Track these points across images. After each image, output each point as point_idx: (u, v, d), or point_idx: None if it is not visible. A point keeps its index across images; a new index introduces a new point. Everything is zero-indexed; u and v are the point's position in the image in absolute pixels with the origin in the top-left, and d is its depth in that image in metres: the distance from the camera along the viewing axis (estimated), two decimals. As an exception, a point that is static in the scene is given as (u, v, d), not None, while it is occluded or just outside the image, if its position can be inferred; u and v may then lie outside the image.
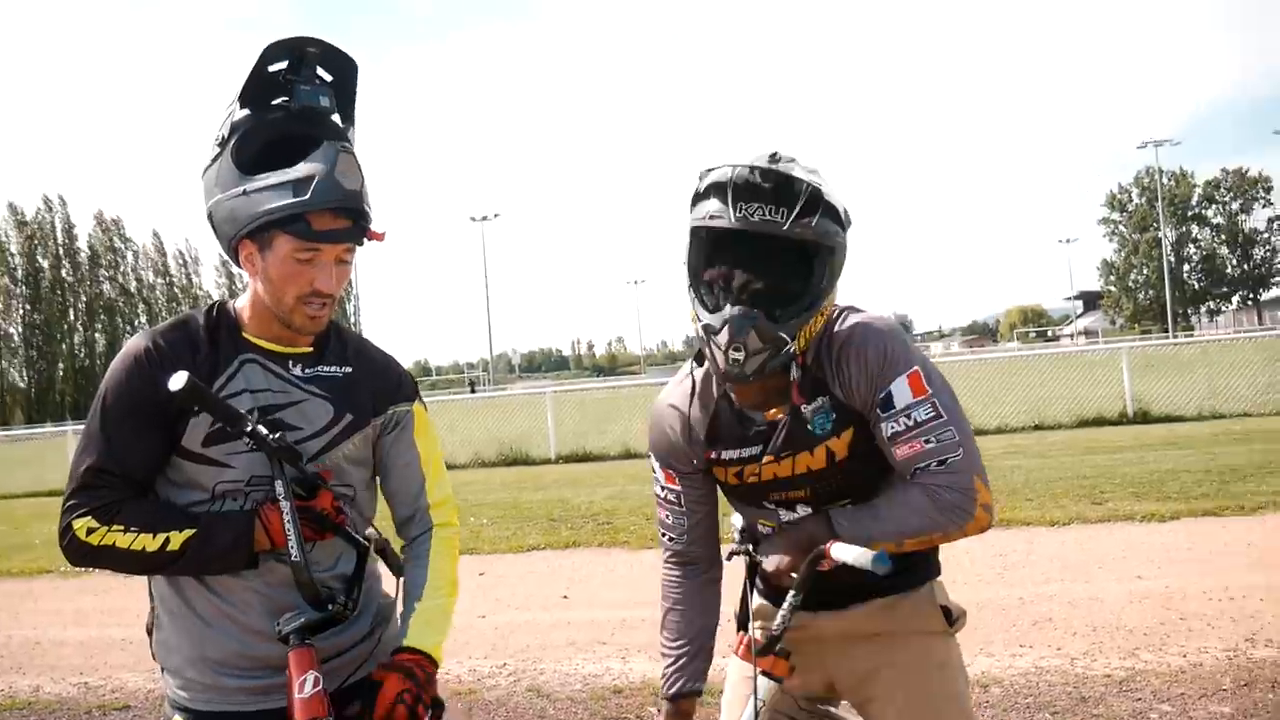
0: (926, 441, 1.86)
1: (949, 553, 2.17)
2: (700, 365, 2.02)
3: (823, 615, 2.09)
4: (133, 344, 1.89)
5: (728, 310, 1.80)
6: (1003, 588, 6.31)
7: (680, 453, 2.10)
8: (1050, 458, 12.21)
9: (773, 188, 1.78)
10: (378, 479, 2.08)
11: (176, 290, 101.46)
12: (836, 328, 1.96)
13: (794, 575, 1.92)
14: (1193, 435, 13.38)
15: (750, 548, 2.07)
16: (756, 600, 2.19)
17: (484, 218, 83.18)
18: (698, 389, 2.07)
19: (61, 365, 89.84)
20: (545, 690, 5.08)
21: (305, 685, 1.73)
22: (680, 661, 2.11)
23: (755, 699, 1.95)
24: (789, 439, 1.97)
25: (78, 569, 9.56)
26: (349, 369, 2.01)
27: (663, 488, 2.16)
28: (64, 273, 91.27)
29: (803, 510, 2.02)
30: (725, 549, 2.19)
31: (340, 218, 1.84)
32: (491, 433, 18.99)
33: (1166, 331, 72.04)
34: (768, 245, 1.81)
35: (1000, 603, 5.96)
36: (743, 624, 2.10)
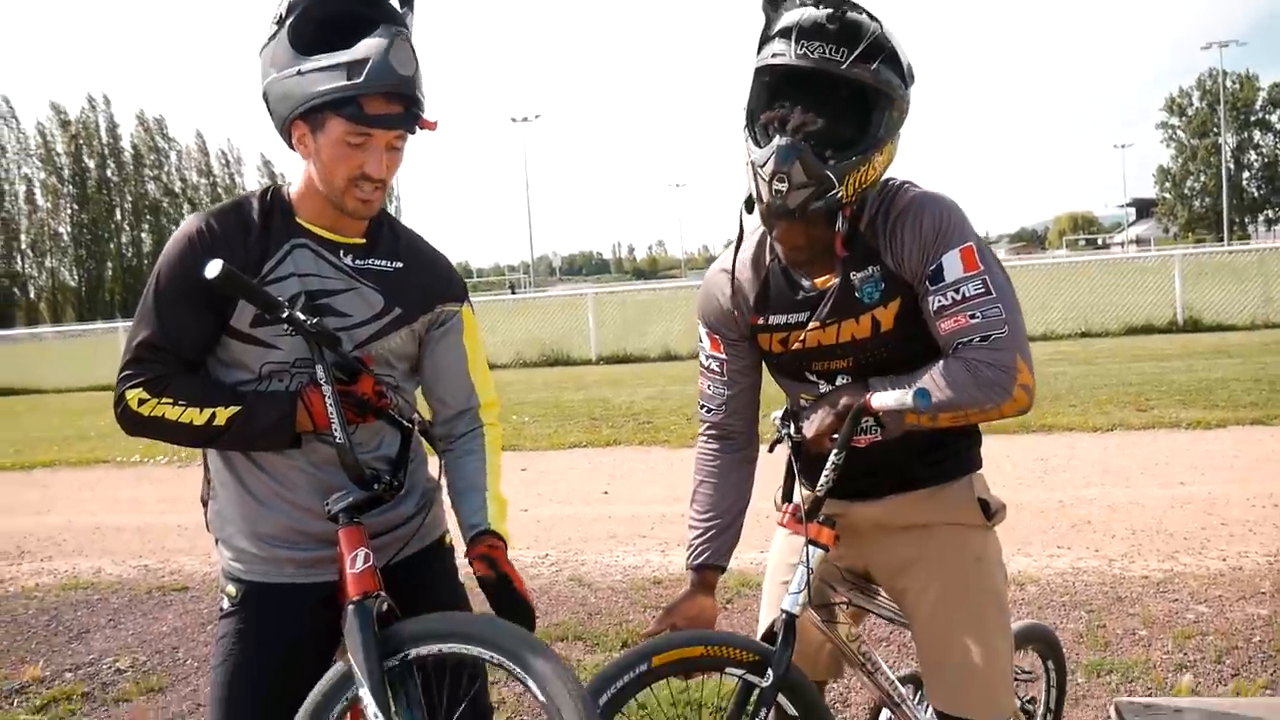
0: (972, 317, 1.83)
1: (987, 455, 2.16)
2: (750, 211, 1.98)
3: (859, 505, 2.10)
4: (186, 225, 1.91)
5: (776, 141, 1.77)
6: (1042, 491, 6.32)
7: (728, 318, 2.09)
8: (1096, 365, 12.09)
9: (837, 29, 1.76)
10: (422, 377, 2.09)
11: (220, 190, 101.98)
12: (895, 197, 1.92)
13: (834, 438, 1.93)
14: (1244, 344, 13.17)
15: (791, 430, 2.06)
16: (800, 488, 2.20)
17: (525, 119, 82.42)
18: (751, 254, 2.06)
19: (110, 265, 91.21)
20: (586, 580, 5.20)
21: (356, 561, 1.77)
22: (708, 534, 2.11)
23: (806, 567, 1.96)
24: (836, 305, 1.95)
25: (133, 460, 9.88)
26: (400, 264, 2.01)
27: (707, 355, 2.15)
28: (109, 172, 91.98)
29: (843, 379, 2.01)
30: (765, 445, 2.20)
31: (393, 103, 1.81)
32: (532, 333, 19.12)
33: (1221, 240, 70.25)
34: (826, 87, 1.79)
35: (1039, 505, 5.97)
36: (788, 496, 2.11)
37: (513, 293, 52.63)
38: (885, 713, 2.61)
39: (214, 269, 1.70)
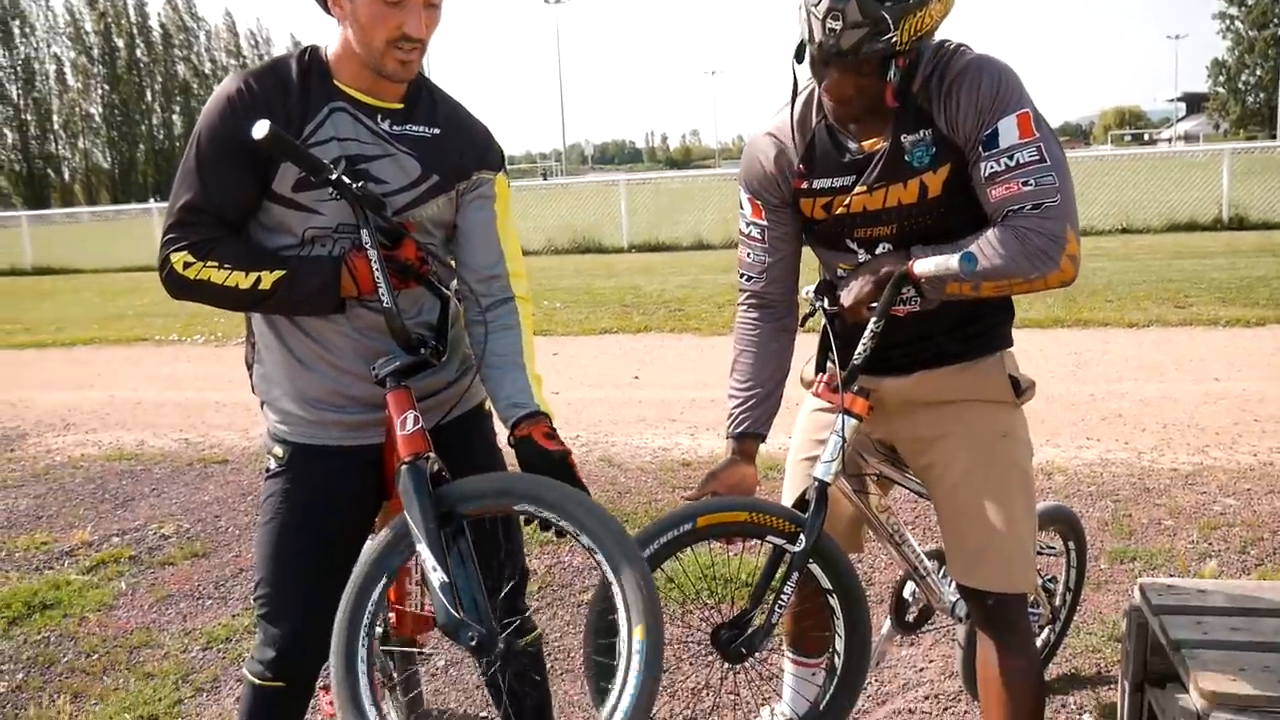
0: (1025, 184, 1.79)
1: (1019, 349, 2.14)
2: (800, 60, 1.93)
3: (889, 379, 2.10)
4: (225, 85, 1.89)
5: None
6: (1074, 384, 6.30)
7: (770, 183, 2.05)
8: (1136, 261, 11.90)
9: None
10: (455, 238, 2.06)
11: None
12: (951, 60, 1.86)
13: (873, 306, 1.91)
14: (1290, 242, 12.88)
15: (826, 301, 2.04)
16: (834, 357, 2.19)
17: (557, 0, 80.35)
18: (797, 115, 2.02)
19: (142, 146, 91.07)
20: (616, 460, 5.28)
21: (406, 423, 1.80)
22: (749, 403, 2.11)
23: (841, 436, 1.97)
24: (884, 169, 1.91)
25: (172, 338, 10.04)
26: (437, 130, 1.98)
27: (748, 223, 2.13)
28: (138, 52, 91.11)
29: (884, 249, 1.98)
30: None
31: None
32: (565, 220, 19.02)
33: (1274, 137, 68.10)
34: None
35: (1070, 398, 5.96)
36: (821, 367, 2.10)
37: (544, 179, 52.25)
38: (910, 585, 2.66)
39: (261, 129, 1.69)
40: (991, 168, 1.82)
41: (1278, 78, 76.35)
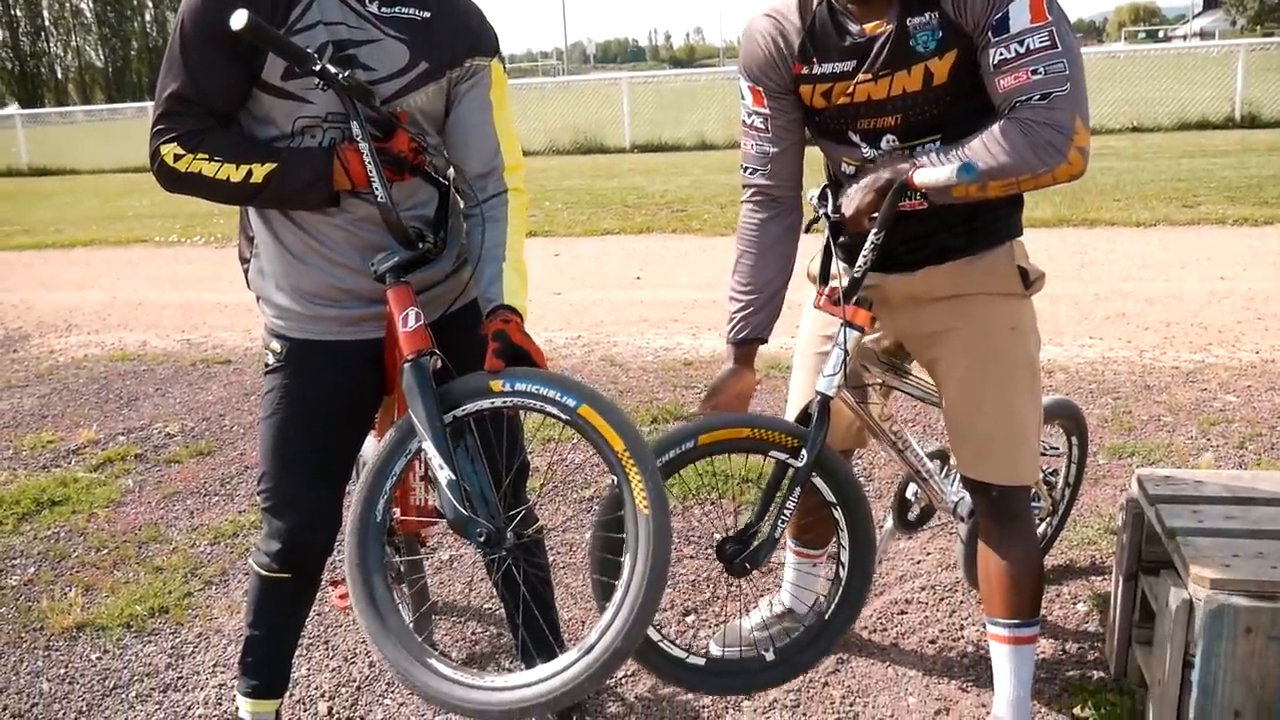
0: (1034, 72, 1.73)
1: (1026, 244, 2.11)
2: None
3: (894, 277, 2.07)
4: None
5: None
6: (1078, 284, 6.26)
7: (770, 67, 1.98)
8: (1144, 160, 11.73)
9: None
10: (446, 132, 2.00)
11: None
12: None
13: (874, 217, 1.87)
14: (1302, 141, 12.68)
15: (829, 210, 2.00)
16: (837, 266, 2.16)
17: (558, -110, 77.77)
18: (789, 6, 1.95)
19: (135, 44, 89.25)
20: (618, 360, 5.29)
21: (408, 320, 1.78)
22: (749, 309, 2.08)
23: (843, 350, 1.96)
24: (889, 55, 1.85)
25: (171, 240, 9.98)
26: (428, 14, 1.91)
27: (750, 112, 2.06)
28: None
29: (889, 142, 1.93)
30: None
31: None
32: (566, 120, 18.71)
33: (1291, 33, 66.50)
34: None
35: (1074, 297, 5.93)
36: (823, 279, 2.06)
37: (552, 78, 51.40)
38: (912, 486, 2.68)
39: (239, 19, 1.63)
40: (1001, 54, 1.75)
41: (1298, -29, 74.22)
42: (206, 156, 1.82)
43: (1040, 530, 2.78)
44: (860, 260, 1.91)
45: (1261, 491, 2.28)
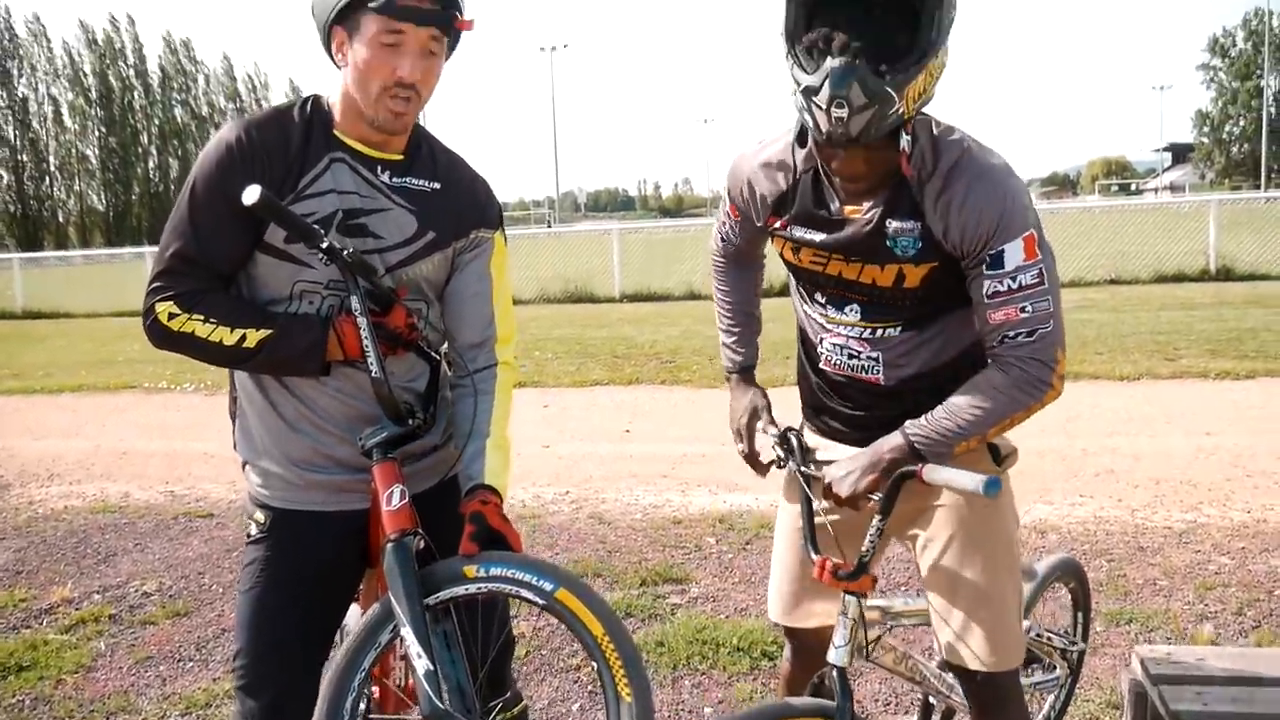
0: (1023, 309, 1.79)
1: None
2: (803, 147, 1.92)
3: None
4: (225, 133, 1.86)
5: (829, 64, 1.65)
6: (1065, 438, 6.28)
7: (747, 205, 2.07)
8: (1125, 312, 11.95)
9: None
10: (446, 295, 2.02)
11: (246, 116, 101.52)
12: (946, 156, 1.82)
13: (873, 497, 1.85)
14: (1278, 294, 12.95)
15: (804, 464, 2.00)
16: (811, 438, 2.16)
17: (553, 48, 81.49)
18: (776, 158, 1.98)
19: (137, 189, 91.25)
20: (607, 518, 5.23)
21: (392, 498, 1.77)
22: (743, 337, 2.29)
23: (850, 618, 1.88)
24: (863, 245, 1.87)
25: (161, 386, 9.98)
26: (437, 185, 1.96)
27: (725, 213, 2.20)
28: (136, 95, 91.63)
29: (852, 313, 1.95)
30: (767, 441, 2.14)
31: None
32: (557, 269, 19.05)
33: (1259, 188, 68.88)
34: None
35: (1062, 452, 5.94)
36: (813, 546, 1.97)
37: (549, 226, 52.63)
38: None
39: (251, 195, 1.67)
40: (994, 287, 1.81)
41: (1260, 129, 77.33)
42: (202, 317, 1.83)
43: (1052, 699, 2.69)
44: (865, 543, 1.88)
45: (1266, 672, 2.23)
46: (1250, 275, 15.34)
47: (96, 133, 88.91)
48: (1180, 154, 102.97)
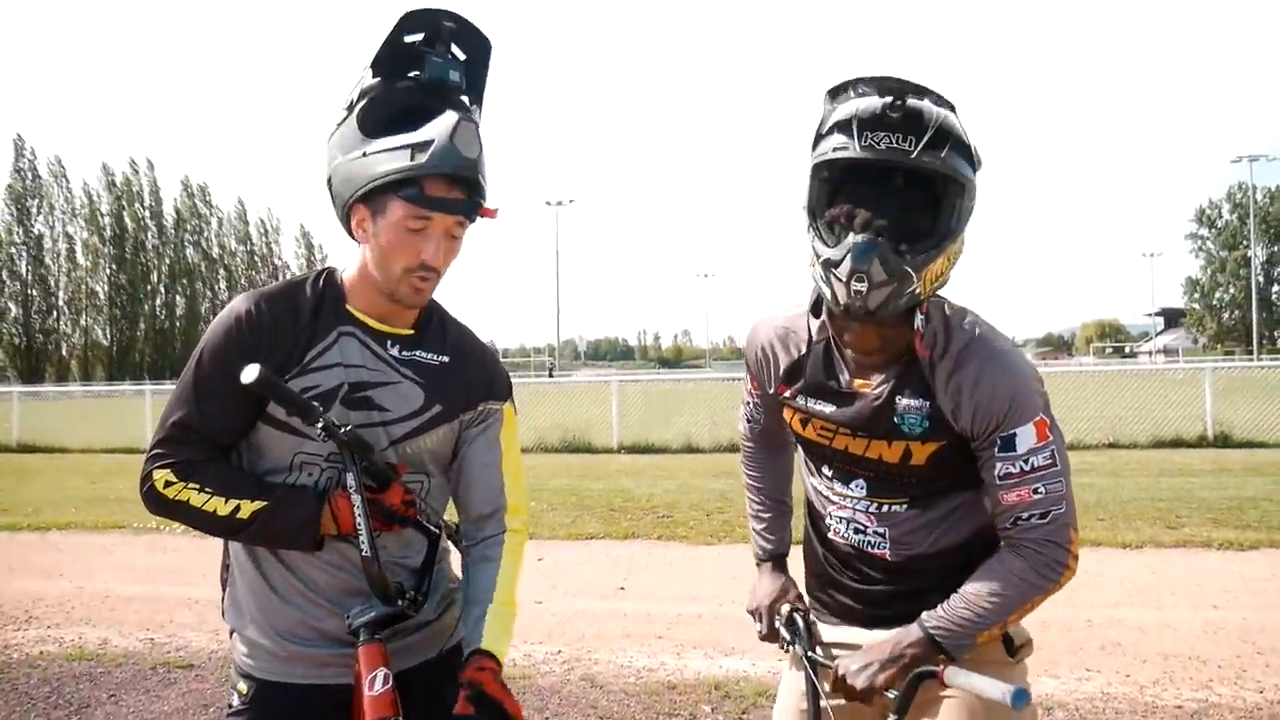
0: (1035, 491, 1.81)
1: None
2: (817, 317, 1.95)
3: (876, 635, 1.98)
4: (236, 305, 1.88)
5: (850, 239, 1.70)
6: (1070, 608, 6.14)
7: (761, 372, 2.12)
8: (1124, 477, 11.89)
9: (901, 118, 1.69)
10: (452, 472, 2.03)
11: (256, 258, 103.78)
12: (958, 337, 1.86)
13: (890, 693, 1.81)
14: (1276, 463, 12.91)
15: (811, 649, 1.99)
16: (818, 615, 2.12)
17: (559, 203, 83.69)
18: (789, 326, 2.04)
19: (142, 325, 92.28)
20: (599, 681, 5.06)
21: (375, 683, 1.72)
22: (774, 523, 2.25)
23: None
24: (871, 422, 1.89)
25: (150, 526, 9.83)
26: (446, 359, 1.98)
27: (748, 391, 2.24)
28: (150, 235, 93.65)
29: (858, 488, 1.96)
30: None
31: (455, 188, 1.81)
32: (555, 419, 19.03)
33: (1251, 353, 69.72)
34: (893, 179, 1.73)
35: (1067, 623, 5.80)
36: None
37: (550, 375, 53.01)
38: None
39: (250, 374, 1.68)
40: (1007, 469, 1.82)
41: (1249, 296, 78.84)
42: (197, 487, 1.82)
43: None
44: None
45: None
46: (1248, 442, 15.35)
47: (107, 270, 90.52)
48: (1172, 318, 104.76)
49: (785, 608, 2.08)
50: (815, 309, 1.96)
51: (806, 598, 2.17)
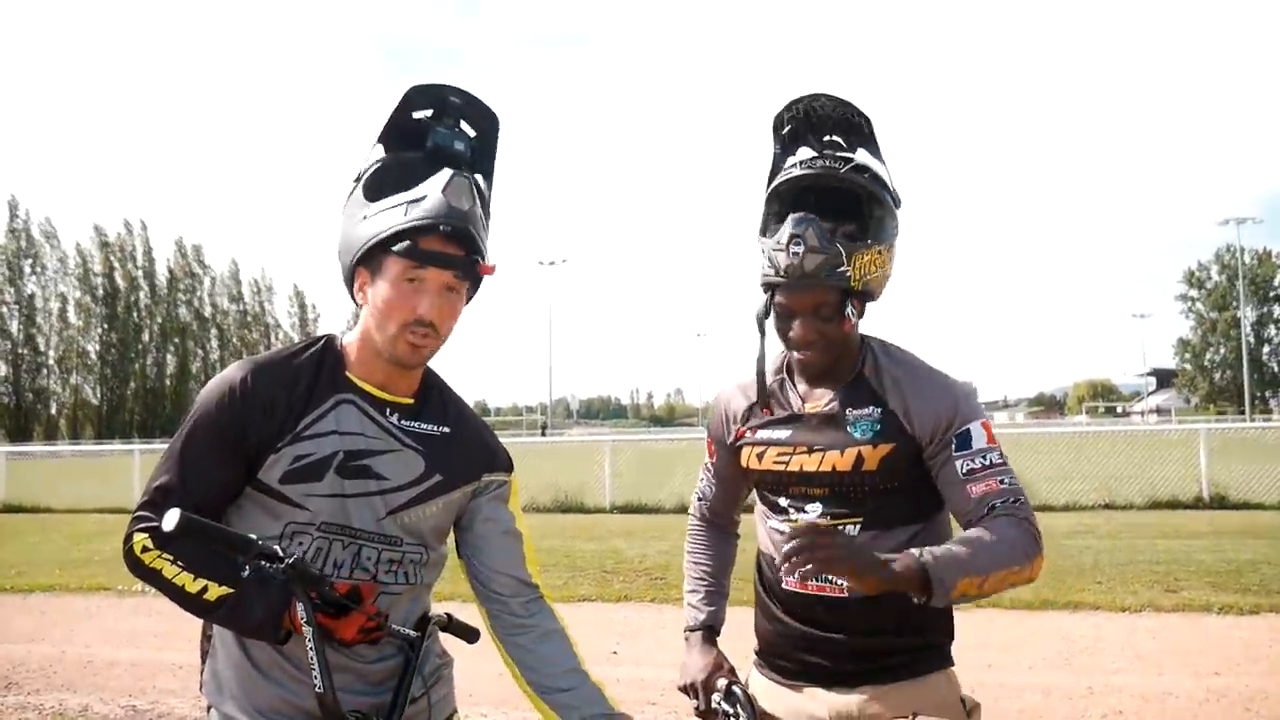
0: (1002, 482, 1.95)
1: (1007, 632, 2.10)
2: (766, 315, 2.10)
3: (835, 693, 2.04)
4: (231, 372, 1.85)
5: (790, 217, 2.00)
6: (1070, 674, 6.06)
7: (721, 428, 2.28)
8: (1121, 539, 11.80)
9: (831, 156, 2.05)
10: (468, 548, 2.00)
11: (249, 317, 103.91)
12: (899, 354, 2.11)
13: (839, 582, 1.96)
14: (1273, 525, 12.85)
15: (737, 710, 2.07)
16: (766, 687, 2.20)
17: (552, 262, 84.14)
18: (750, 380, 2.20)
19: (133, 384, 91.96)
20: (591, 749, 4.93)
21: None
22: (708, 595, 2.34)
23: None
24: (824, 433, 2.05)
25: (134, 589, 9.69)
26: (446, 430, 1.95)
27: (706, 463, 2.40)
28: (142, 294, 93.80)
29: (814, 510, 2.07)
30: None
31: (450, 243, 1.80)
32: (548, 479, 18.91)
33: (1243, 413, 69.91)
34: (829, 197, 2.03)
35: (1067, 690, 5.71)
36: None
37: (543, 433, 52.92)
38: None
39: (170, 520, 1.61)
40: (969, 465, 1.97)
41: (1240, 357, 79.27)
42: (170, 559, 1.78)
43: None
44: None
45: None
46: (1244, 504, 15.29)
47: (99, 329, 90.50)
48: (1164, 378, 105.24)
49: (722, 681, 2.12)
50: (760, 321, 2.12)
51: (759, 672, 2.24)
